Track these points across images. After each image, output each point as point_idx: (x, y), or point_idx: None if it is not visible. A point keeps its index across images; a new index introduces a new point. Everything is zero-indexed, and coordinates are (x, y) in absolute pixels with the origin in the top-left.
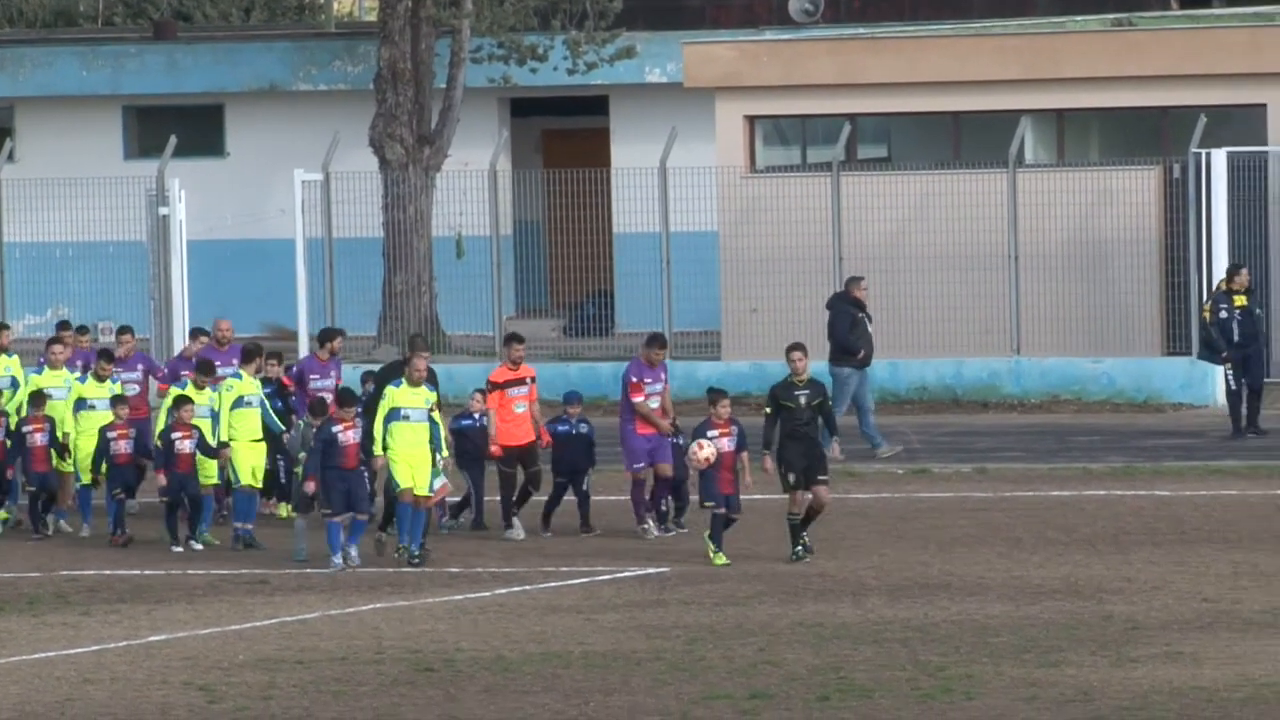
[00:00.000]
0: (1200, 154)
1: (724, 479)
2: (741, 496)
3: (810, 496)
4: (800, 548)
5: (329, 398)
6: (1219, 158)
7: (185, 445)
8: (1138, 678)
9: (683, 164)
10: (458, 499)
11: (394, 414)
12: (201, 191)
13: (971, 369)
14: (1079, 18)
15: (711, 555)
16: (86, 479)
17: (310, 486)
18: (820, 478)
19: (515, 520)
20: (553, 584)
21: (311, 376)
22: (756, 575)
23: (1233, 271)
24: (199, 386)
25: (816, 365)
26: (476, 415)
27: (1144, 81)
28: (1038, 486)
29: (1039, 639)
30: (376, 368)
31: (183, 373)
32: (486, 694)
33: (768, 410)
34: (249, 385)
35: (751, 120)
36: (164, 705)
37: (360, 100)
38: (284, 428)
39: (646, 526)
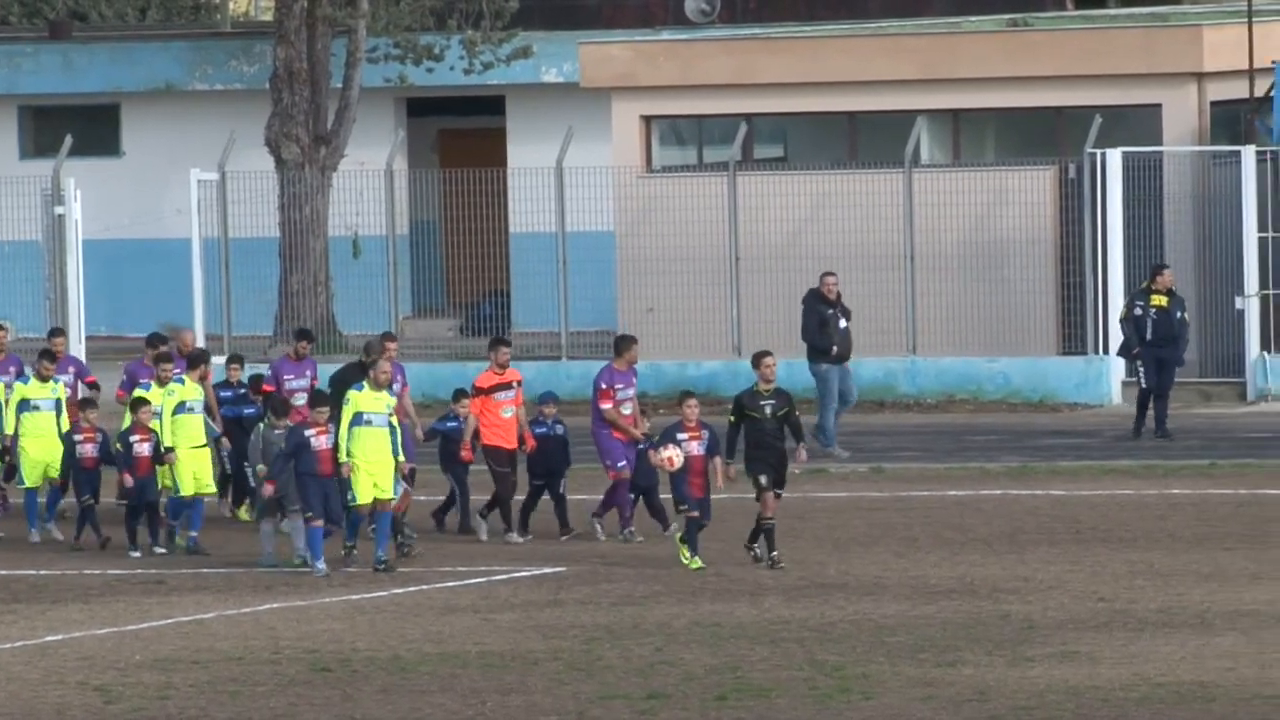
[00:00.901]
0: (1095, 154)
1: (694, 483)
2: (713, 498)
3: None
4: (758, 550)
5: (303, 398)
6: (1114, 158)
7: (144, 448)
8: (1034, 677)
9: (579, 164)
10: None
11: (357, 419)
12: (97, 191)
13: (868, 368)
14: (975, 18)
15: (686, 559)
16: (32, 483)
17: (268, 490)
18: (777, 491)
19: (483, 524)
20: (450, 584)
21: (286, 377)
22: (654, 575)
23: (1155, 271)
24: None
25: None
26: (462, 417)
27: (1039, 82)
28: (934, 486)
29: (935, 638)
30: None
31: (141, 379)
32: (383, 694)
33: (731, 419)
34: (191, 390)
35: (648, 120)
36: (60, 705)
37: (256, 100)
38: (219, 433)
39: (631, 530)
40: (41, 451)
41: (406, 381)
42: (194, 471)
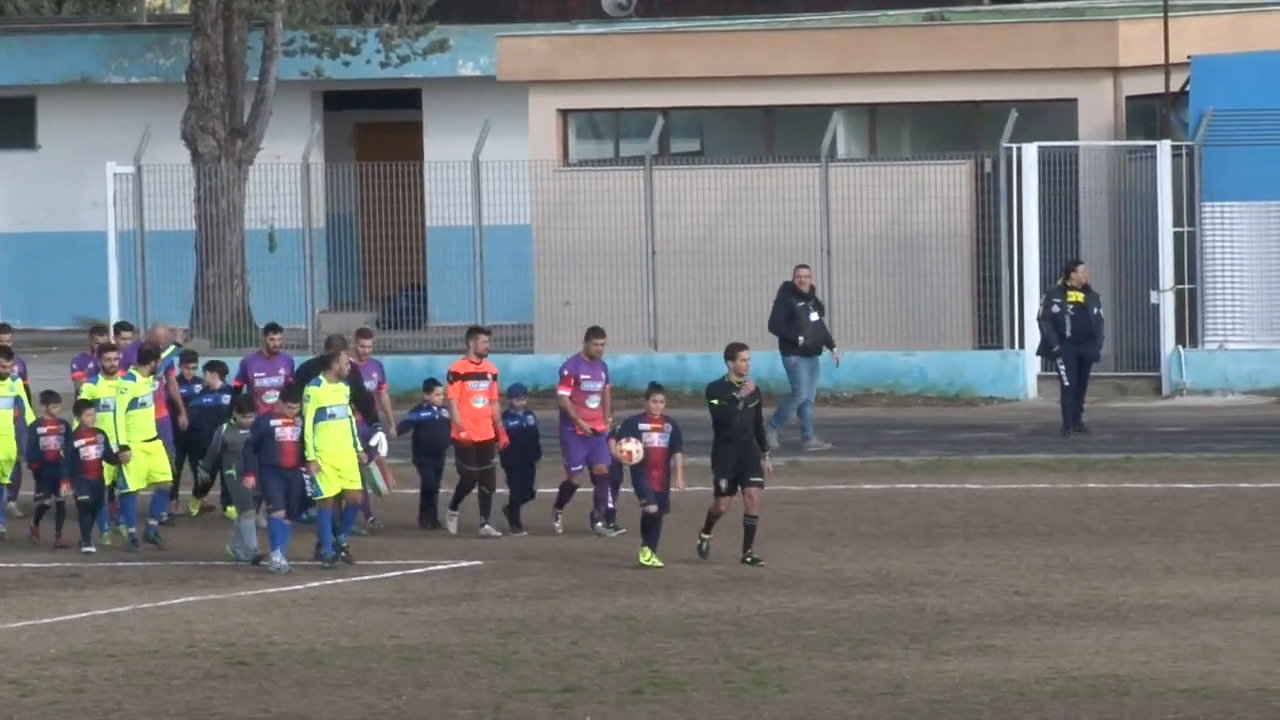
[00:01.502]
0: (1011, 148)
1: (653, 476)
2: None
3: (731, 500)
4: (706, 544)
5: (274, 397)
6: (1030, 152)
7: (90, 452)
8: (949, 670)
9: (496, 158)
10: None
11: (320, 414)
12: (13, 184)
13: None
14: (891, 12)
15: (641, 554)
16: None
17: (249, 482)
18: (753, 479)
19: (454, 518)
20: (365, 577)
21: (256, 375)
22: (570, 569)
23: (1069, 267)
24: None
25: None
26: (435, 407)
27: (956, 76)
28: (850, 480)
29: (851, 632)
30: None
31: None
32: (299, 687)
33: (714, 402)
34: (143, 387)
35: (565, 114)
36: None
37: (173, 93)
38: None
39: (601, 524)
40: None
41: (385, 379)
42: (148, 467)
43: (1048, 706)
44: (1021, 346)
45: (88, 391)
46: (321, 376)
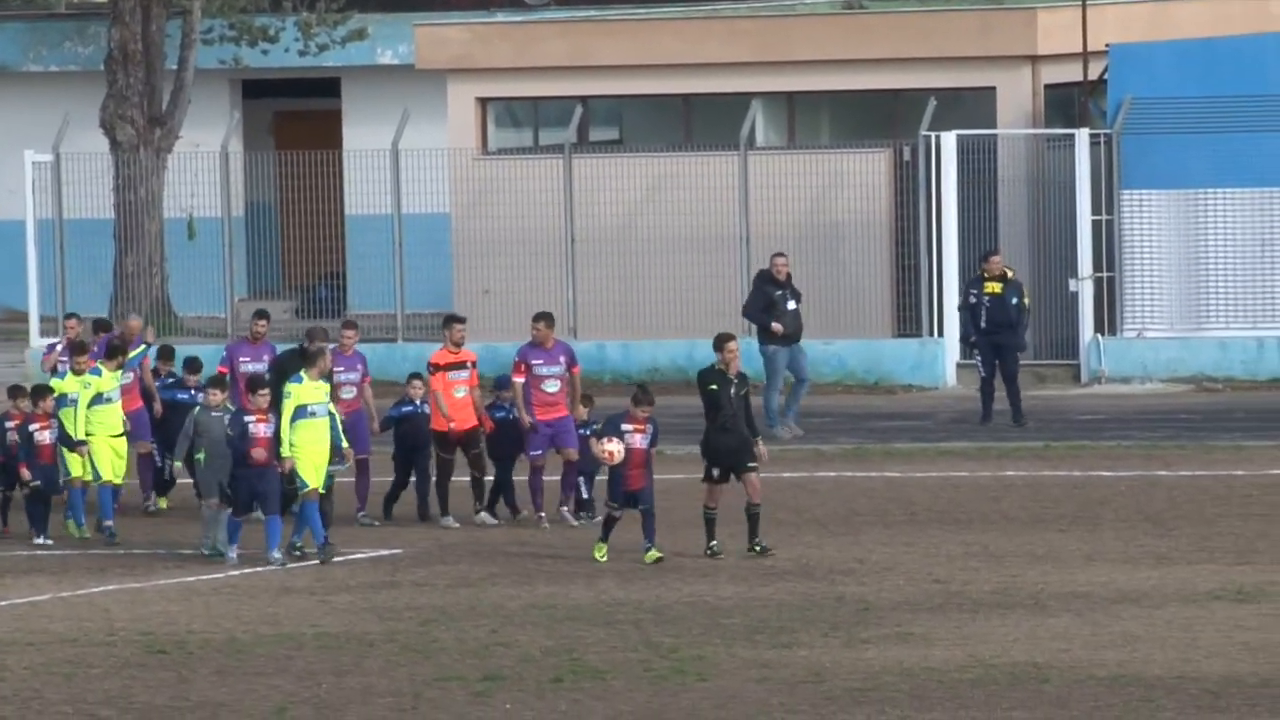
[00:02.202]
0: (930, 137)
1: (633, 475)
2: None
3: (722, 489)
4: (716, 543)
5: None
6: (949, 140)
7: (44, 436)
8: (869, 658)
9: (415, 146)
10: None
11: (300, 412)
12: None
13: (704, 351)
14: (810, 0)
15: (596, 550)
16: None
17: (259, 454)
18: (749, 465)
19: (449, 517)
20: (286, 566)
21: (241, 359)
22: (489, 557)
23: (984, 257)
24: (76, 371)
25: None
26: (417, 401)
27: (874, 64)
28: (769, 468)
29: (771, 620)
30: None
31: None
32: (219, 676)
33: (712, 386)
34: (109, 382)
35: (484, 102)
36: None
37: (91, 81)
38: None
39: (542, 515)
40: None
41: (368, 372)
42: (112, 461)
43: (967, 694)
44: (940, 335)
45: (55, 386)
46: (303, 373)
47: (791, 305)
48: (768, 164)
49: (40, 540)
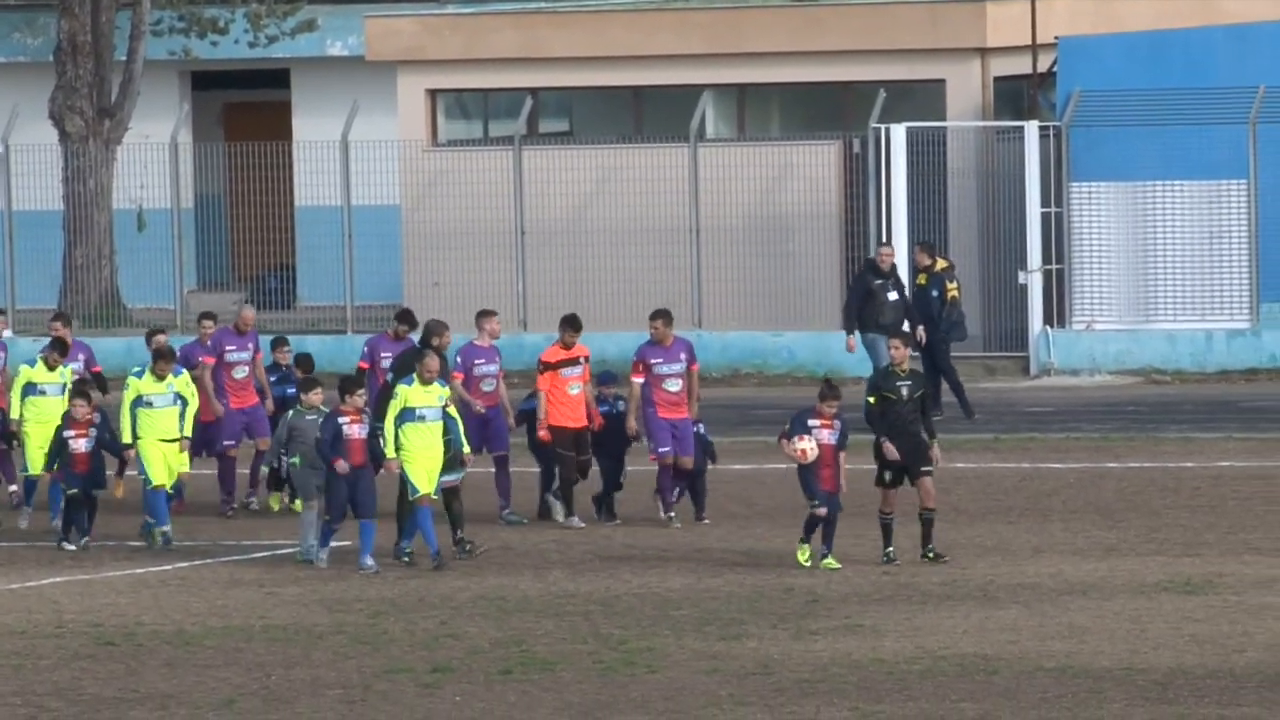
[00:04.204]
0: (880, 129)
1: (824, 475)
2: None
3: (897, 494)
4: (893, 549)
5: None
6: (898, 132)
7: (80, 445)
8: (818, 650)
9: (365, 138)
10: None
11: (407, 414)
12: None
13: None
14: None
15: (798, 552)
16: None
17: (341, 466)
18: (924, 469)
19: (557, 504)
20: (234, 558)
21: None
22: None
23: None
24: (158, 375)
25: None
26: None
27: (825, 57)
28: (719, 460)
29: (720, 612)
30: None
31: (200, 358)
32: (168, 667)
33: (870, 400)
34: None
35: (433, 94)
36: None
37: (40, 73)
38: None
39: (673, 515)
40: None
41: (501, 364)
42: (164, 465)
43: (916, 686)
44: None
45: (25, 375)
46: (414, 376)
47: (893, 296)
48: (718, 156)
49: (80, 544)
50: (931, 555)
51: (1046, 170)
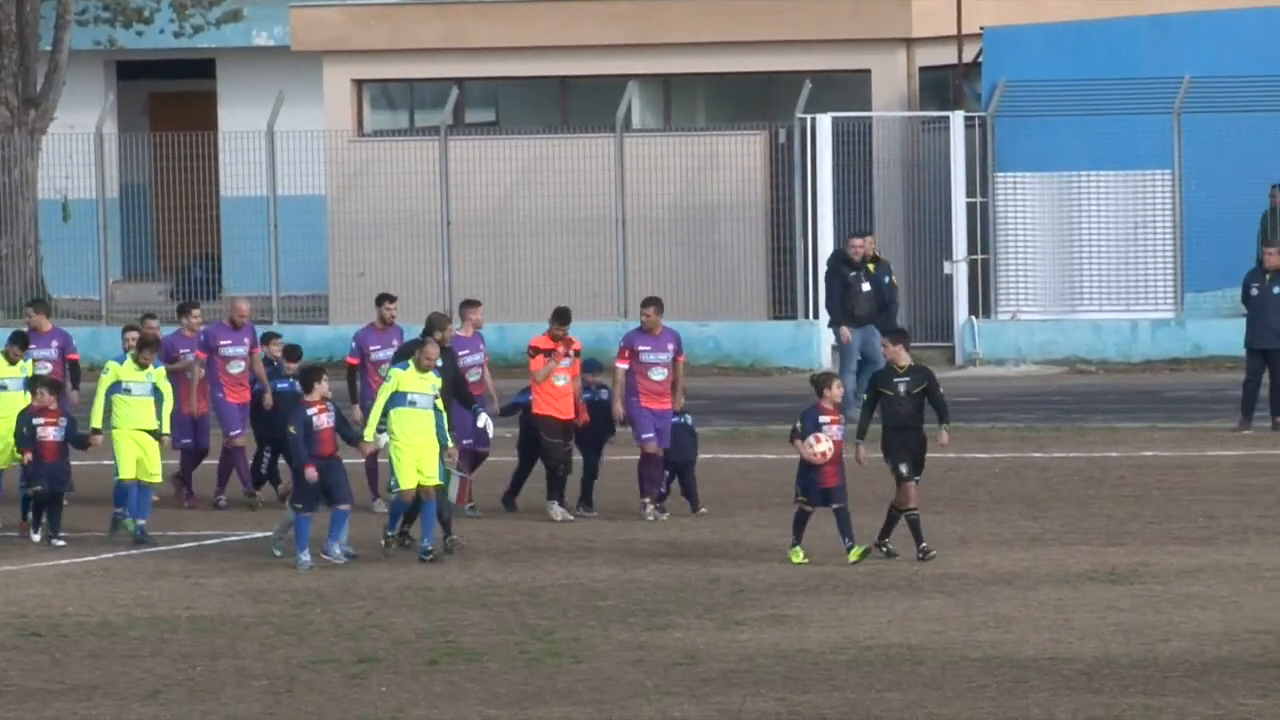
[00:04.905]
0: (806, 119)
1: (829, 471)
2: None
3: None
4: (890, 546)
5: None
6: (824, 123)
7: (50, 433)
8: (744, 640)
9: (290, 128)
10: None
11: (399, 399)
12: None
13: (580, 333)
14: None
15: (791, 554)
16: None
17: (310, 473)
18: (914, 477)
19: (554, 505)
20: (160, 548)
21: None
22: (364, 541)
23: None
24: (141, 364)
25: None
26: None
27: (750, 47)
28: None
29: (646, 602)
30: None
31: (180, 351)
32: (92, 659)
33: (865, 397)
34: (129, 371)
35: (359, 84)
36: None
37: None
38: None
39: (646, 503)
40: None
41: (486, 353)
42: (138, 457)
43: (841, 676)
44: (815, 317)
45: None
46: (411, 362)
47: (866, 287)
48: (643, 146)
49: (48, 539)
50: (888, 550)
51: (972, 160)
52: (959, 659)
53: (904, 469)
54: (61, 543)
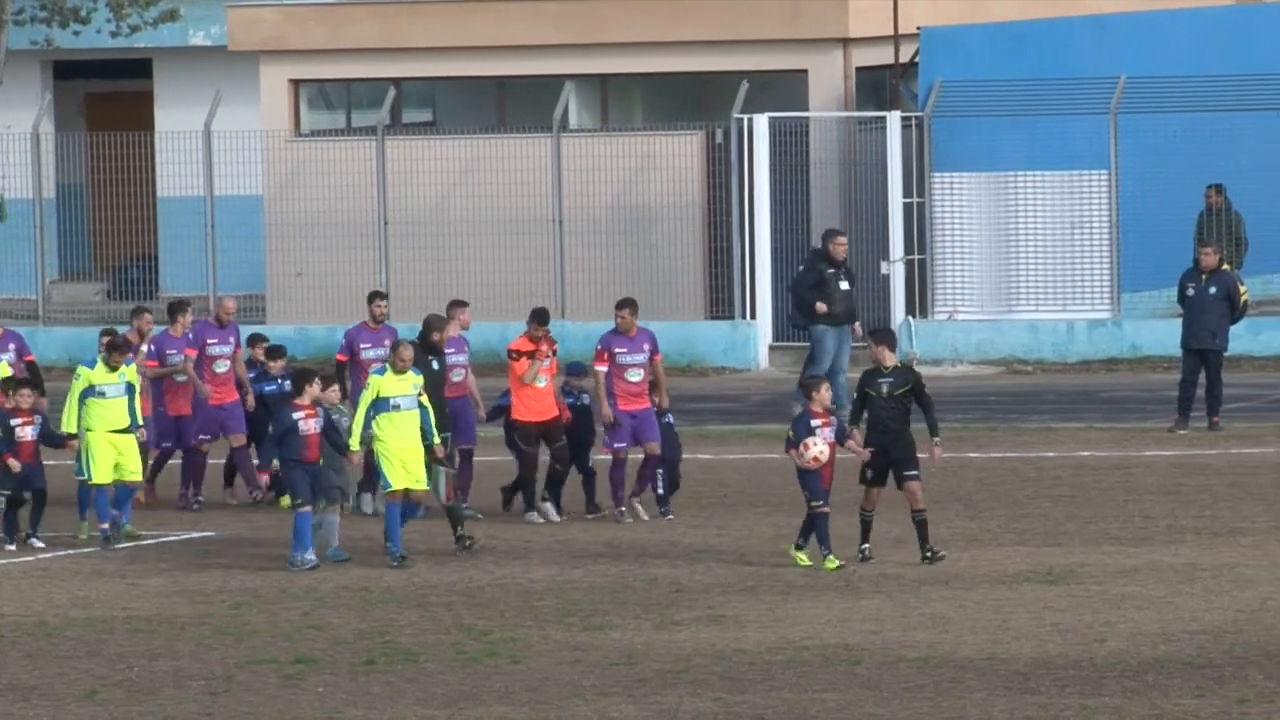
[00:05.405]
0: (743, 119)
1: (826, 474)
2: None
3: (880, 492)
4: (869, 546)
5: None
6: (761, 122)
7: (27, 432)
8: (681, 641)
9: (228, 128)
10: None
11: (381, 405)
12: None
13: (516, 333)
14: None
15: (796, 556)
16: None
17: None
18: (907, 473)
19: (547, 505)
20: (96, 549)
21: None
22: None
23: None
24: (112, 367)
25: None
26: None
27: (687, 47)
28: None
29: (583, 602)
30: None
31: (168, 351)
32: (29, 659)
33: (854, 395)
34: (101, 374)
35: (296, 84)
36: None
37: None
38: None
39: (622, 510)
40: None
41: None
42: (115, 461)
43: (779, 676)
44: (753, 317)
45: None
46: (387, 365)
47: (844, 286)
48: (581, 146)
49: (10, 547)
50: (930, 555)
51: (909, 160)
52: (896, 659)
53: (869, 474)
54: (40, 544)
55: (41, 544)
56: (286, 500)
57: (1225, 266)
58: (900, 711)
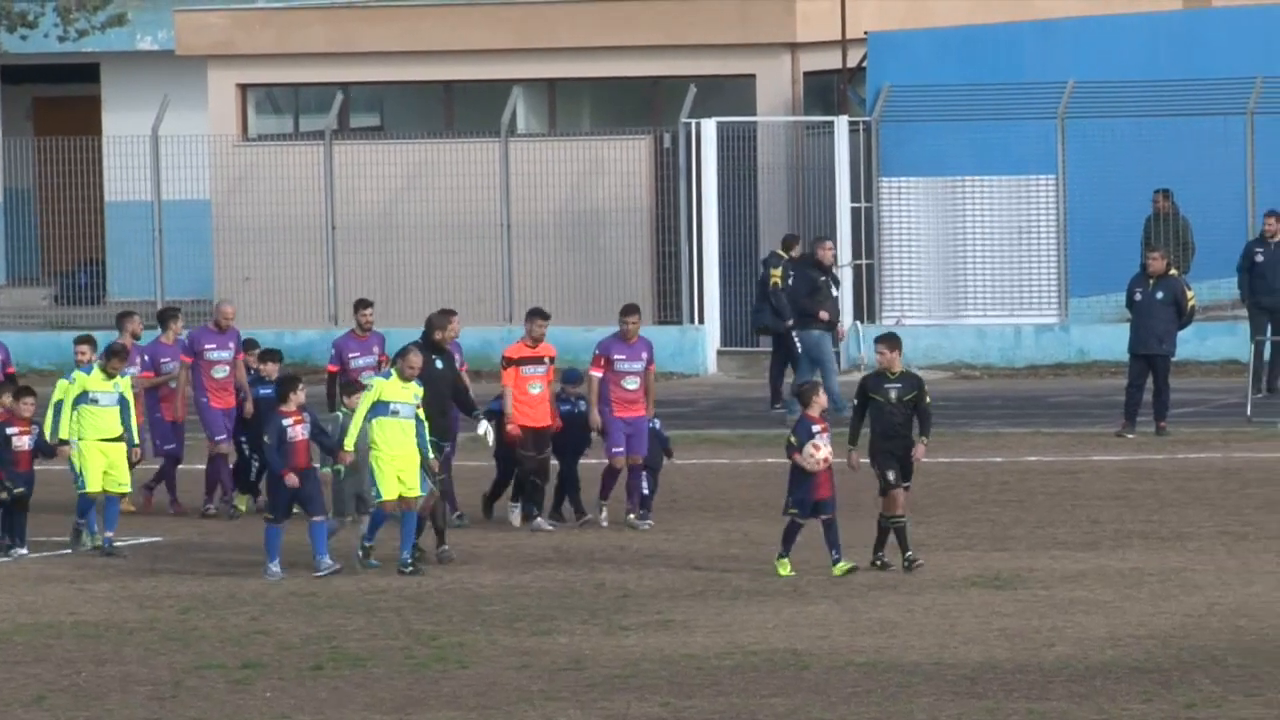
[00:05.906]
0: (691, 124)
1: (824, 481)
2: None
3: (903, 495)
4: (884, 558)
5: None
6: (709, 127)
7: (24, 442)
8: (629, 645)
9: (175, 132)
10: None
11: (380, 408)
12: None
13: (465, 339)
14: None
15: (779, 566)
16: None
17: (290, 480)
18: (904, 484)
19: (516, 507)
20: (44, 554)
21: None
22: (249, 545)
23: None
24: (109, 373)
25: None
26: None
27: (635, 51)
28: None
29: (531, 607)
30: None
31: (162, 359)
32: None
33: (854, 402)
34: (97, 380)
35: (244, 89)
36: None
37: None
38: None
39: (629, 511)
40: None
41: (463, 360)
42: (104, 468)
43: (726, 681)
44: (701, 322)
45: None
46: (393, 369)
47: (835, 291)
48: (529, 151)
49: (21, 551)
50: (881, 562)
51: (856, 165)
52: (843, 664)
53: (891, 476)
54: (23, 551)
55: (25, 551)
56: (243, 502)
57: (1172, 271)
58: (848, 716)
